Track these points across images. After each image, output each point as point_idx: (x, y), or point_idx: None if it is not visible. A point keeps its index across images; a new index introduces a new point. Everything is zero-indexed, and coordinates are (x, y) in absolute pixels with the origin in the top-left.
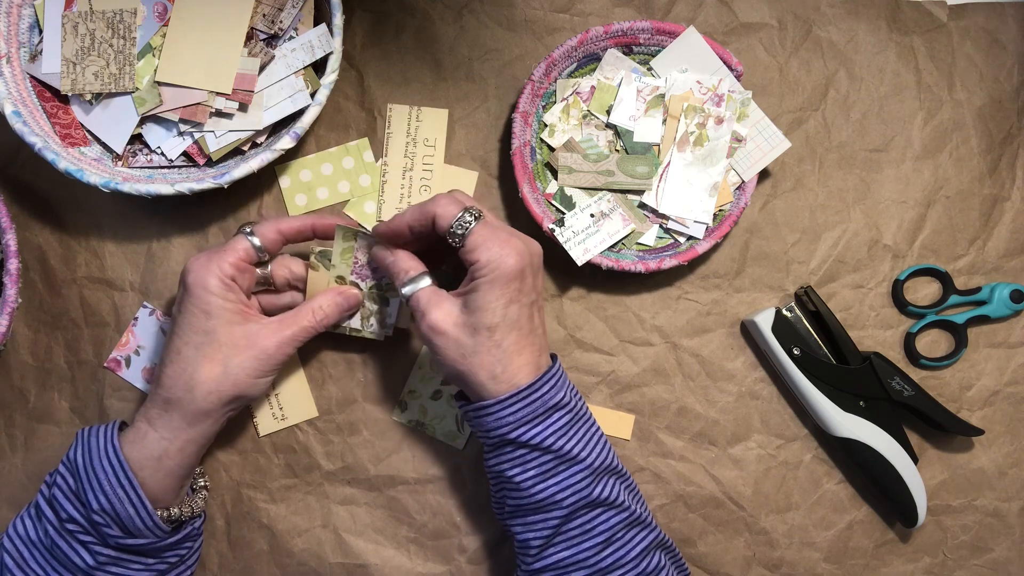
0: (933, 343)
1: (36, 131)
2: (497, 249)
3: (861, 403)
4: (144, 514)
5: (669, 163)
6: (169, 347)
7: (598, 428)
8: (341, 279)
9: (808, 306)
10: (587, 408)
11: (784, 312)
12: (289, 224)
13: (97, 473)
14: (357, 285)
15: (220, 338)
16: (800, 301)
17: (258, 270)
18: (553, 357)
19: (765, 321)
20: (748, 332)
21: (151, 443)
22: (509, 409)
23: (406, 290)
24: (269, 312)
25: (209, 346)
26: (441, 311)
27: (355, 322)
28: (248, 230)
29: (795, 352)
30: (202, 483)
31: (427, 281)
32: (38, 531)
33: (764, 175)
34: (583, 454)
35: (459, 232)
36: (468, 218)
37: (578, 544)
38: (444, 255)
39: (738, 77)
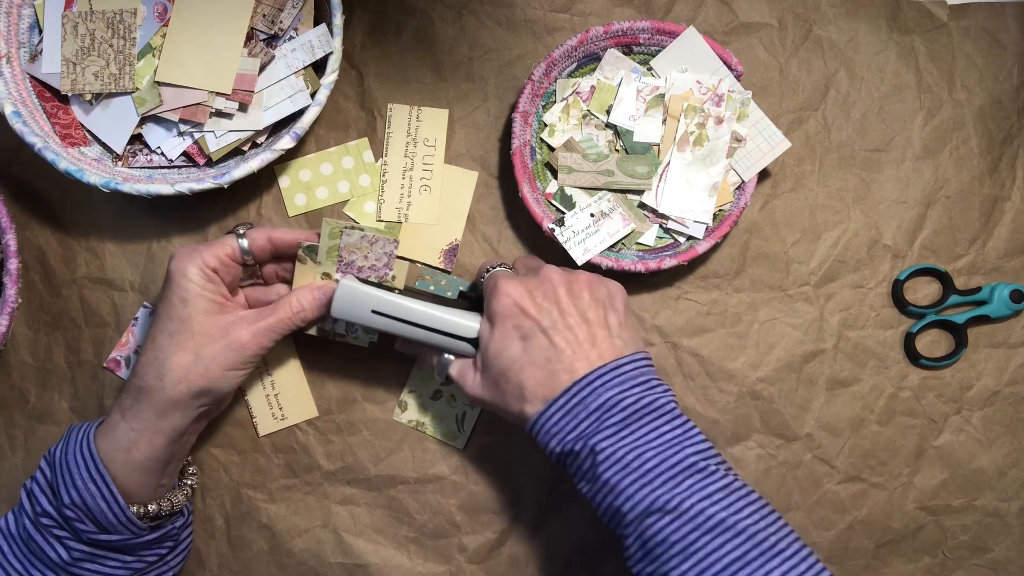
0: (933, 343)
1: (36, 131)
2: (490, 294)
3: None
4: (116, 509)
5: (669, 163)
6: (147, 335)
7: (673, 424)
8: (327, 276)
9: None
10: (659, 404)
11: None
12: (281, 236)
13: (70, 466)
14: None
15: (194, 327)
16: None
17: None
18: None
19: (350, 284)
20: (333, 320)
21: (121, 434)
22: (548, 423)
23: (441, 363)
24: (256, 307)
25: (182, 334)
26: (467, 382)
27: (339, 327)
28: (240, 231)
29: (398, 289)
30: (189, 482)
31: (450, 358)
32: (18, 525)
33: (764, 175)
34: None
35: (482, 279)
36: (498, 266)
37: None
38: None
39: (738, 77)
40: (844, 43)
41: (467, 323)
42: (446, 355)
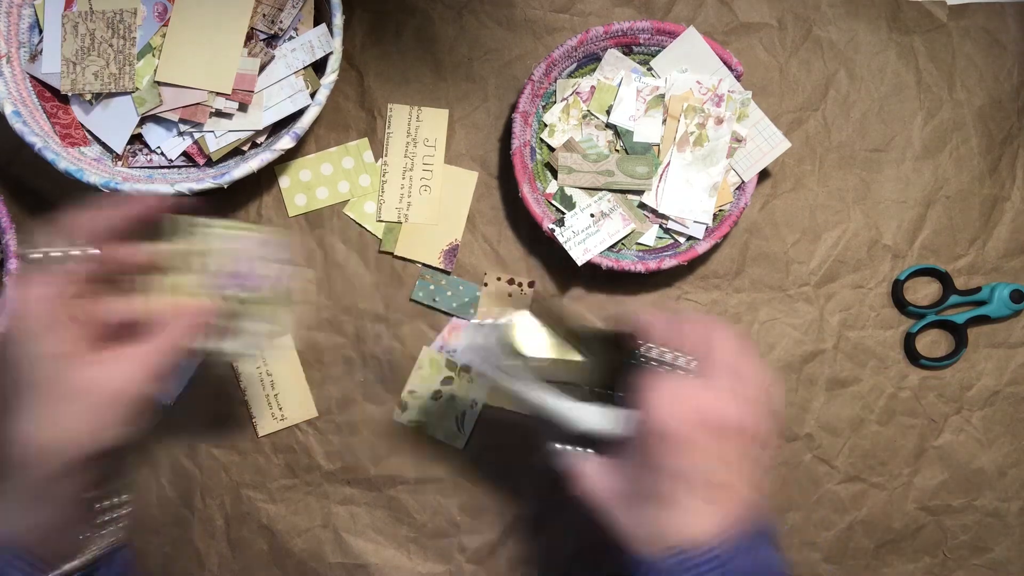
0: (933, 343)
1: (36, 131)
2: (657, 405)
3: (609, 392)
4: None
5: (669, 163)
6: (3, 403)
7: None
8: (191, 286)
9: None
10: None
11: (500, 323)
12: (107, 224)
13: None
14: (221, 295)
15: (53, 391)
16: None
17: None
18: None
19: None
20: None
21: (9, 516)
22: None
23: (556, 449)
24: (117, 324)
25: (42, 404)
26: (596, 484)
27: (223, 343)
28: (70, 252)
29: (523, 359)
30: (115, 514)
31: (574, 447)
32: None
33: (764, 175)
34: None
35: (646, 364)
36: (668, 358)
37: None
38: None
39: (738, 77)
40: (844, 43)
41: (604, 421)
42: (566, 446)
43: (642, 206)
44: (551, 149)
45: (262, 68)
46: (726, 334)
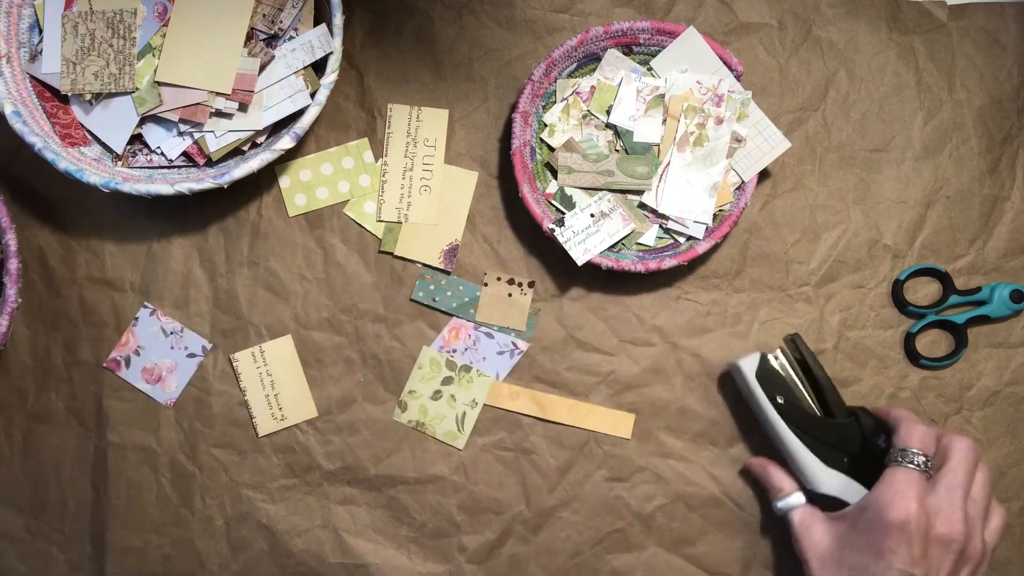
0: (933, 343)
1: (36, 131)
2: (894, 495)
3: (845, 459)
4: None
5: (669, 163)
6: None
7: None
8: None
9: (795, 354)
10: None
11: (771, 360)
12: None
13: None
14: None
15: None
16: (787, 348)
17: None
18: None
19: (749, 367)
20: (731, 376)
21: None
22: None
23: (780, 505)
24: None
25: None
26: (810, 540)
27: None
28: None
29: (779, 401)
30: None
31: (800, 499)
32: None
33: (764, 175)
34: None
35: (895, 459)
36: (917, 460)
37: None
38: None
39: (738, 77)
40: (844, 43)
41: (844, 491)
42: (796, 494)
43: (642, 206)
44: (551, 149)
45: (262, 68)
46: (971, 451)
